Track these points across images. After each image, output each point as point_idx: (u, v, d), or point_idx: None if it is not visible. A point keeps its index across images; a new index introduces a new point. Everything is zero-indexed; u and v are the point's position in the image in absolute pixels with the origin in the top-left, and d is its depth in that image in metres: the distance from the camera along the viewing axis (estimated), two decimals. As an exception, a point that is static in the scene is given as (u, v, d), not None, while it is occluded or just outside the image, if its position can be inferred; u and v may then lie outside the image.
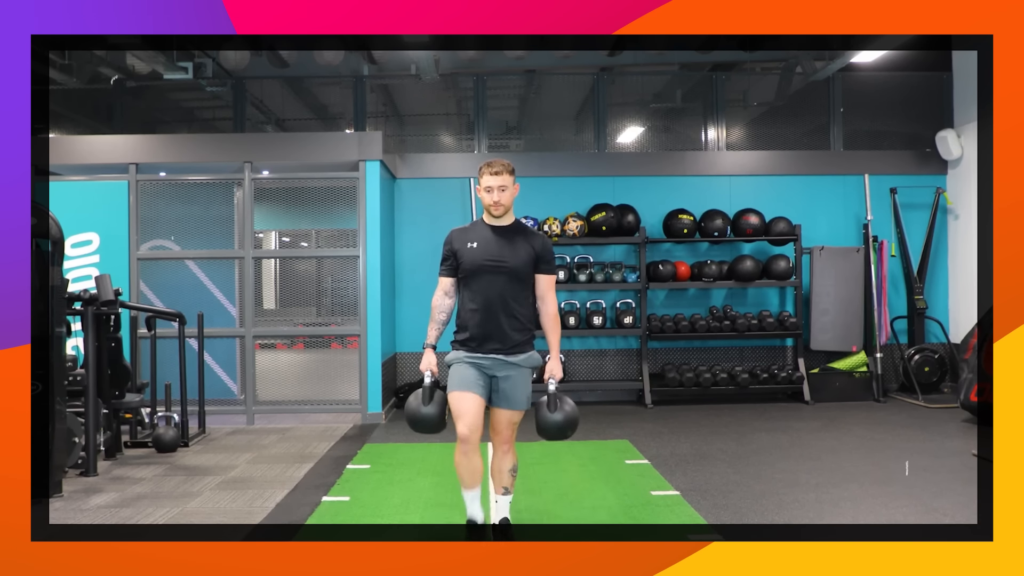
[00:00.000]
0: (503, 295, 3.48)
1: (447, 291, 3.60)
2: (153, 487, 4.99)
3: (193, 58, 7.69)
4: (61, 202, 6.57)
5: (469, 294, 3.52)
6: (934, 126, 8.62)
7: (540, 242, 3.56)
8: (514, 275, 3.49)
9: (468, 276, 3.51)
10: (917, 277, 8.40)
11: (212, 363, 7.55)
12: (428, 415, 3.46)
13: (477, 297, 3.49)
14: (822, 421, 6.99)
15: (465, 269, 3.52)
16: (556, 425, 3.45)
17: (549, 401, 3.48)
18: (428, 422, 3.46)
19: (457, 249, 3.55)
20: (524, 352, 3.53)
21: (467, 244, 3.52)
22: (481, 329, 3.48)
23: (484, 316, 3.47)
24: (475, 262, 3.49)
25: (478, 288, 3.49)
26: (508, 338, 3.49)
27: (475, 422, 3.42)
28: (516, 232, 3.57)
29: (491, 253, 3.49)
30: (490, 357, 3.48)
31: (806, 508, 4.34)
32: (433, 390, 3.48)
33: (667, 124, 9.26)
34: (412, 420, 3.49)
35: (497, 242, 3.50)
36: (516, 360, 3.50)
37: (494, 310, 3.47)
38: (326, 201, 7.57)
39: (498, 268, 3.48)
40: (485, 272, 3.48)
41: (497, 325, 3.47)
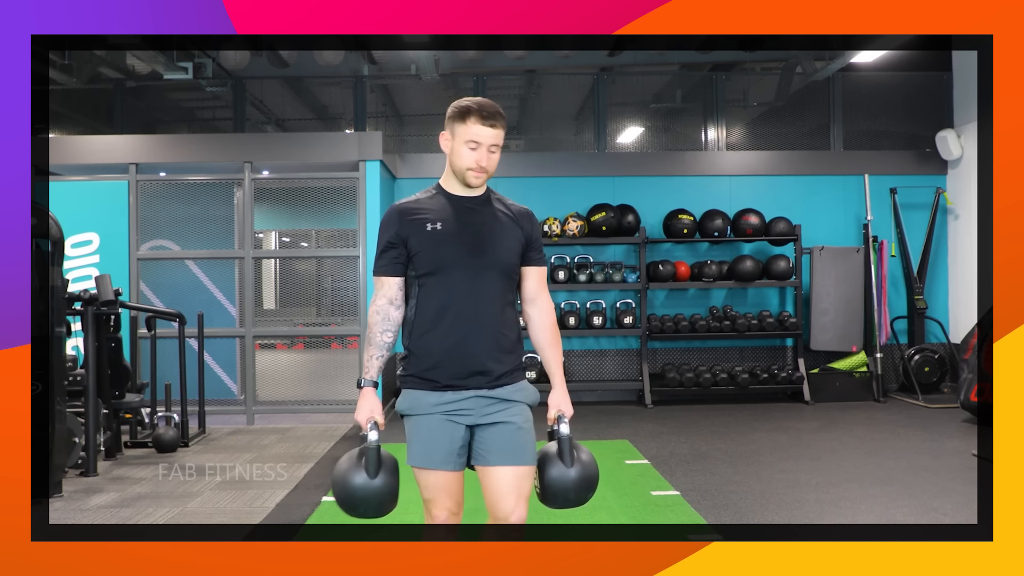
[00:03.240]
0: (485, 301, 2.37)
1: (393, 298, 2.38)
2: (153, 487, 4.99)
3: (193, 58, 7.69)
4: (61, 202, 6.56)
5: (431, 302, 2.36)
6: (934, 126, 8.62)
7: (528, 220, 2.48)
8: (501, 270, 2.39)
9: (430, 274, 2.36)
10: (917, 277, 8.40)
11: (212, 363, 7.55)
12: (375, 492, 2.31)
13: (448, 307, 2.35)
14: (822, 421, 6.99)
15: (426, 263, 2.35)
16: (573, 485, 2.35)
17: (560, 450, 2.37)
18: (374, 501, 2.33)
19: (408, 234, 2.35)
20: (516, 381, 2.41)
21: (425, 225, 2.35)
22: (454, 355, 2.34)
23: (458, 334, 2.34)
24: (443, 253, 2.34)
25: (447, 292, 2.35)
26: (495, 364, 2.37)
27: (460, 500, 2.44)
28: (494, 206, 2.44)
29: (466, 238, 2.36)
30: (469, 396, 2.35)
31: (806, 508, 4.34)
32: (379, 453, 2.33)
33: (667, 124, 9.27)
34: (349, 499, 2.32)
35: (472, 222, 2.38)
36: (508, 395, 2.38)
37: (473, 324, 2.35)
38: (326, 201, 7.57)
39: (478, 261, 2.36)
40: (458, 268, 2.34)
41: (478, 347, 2.35)
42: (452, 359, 2.34)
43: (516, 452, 2.33)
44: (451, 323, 2.34)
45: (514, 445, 2.33)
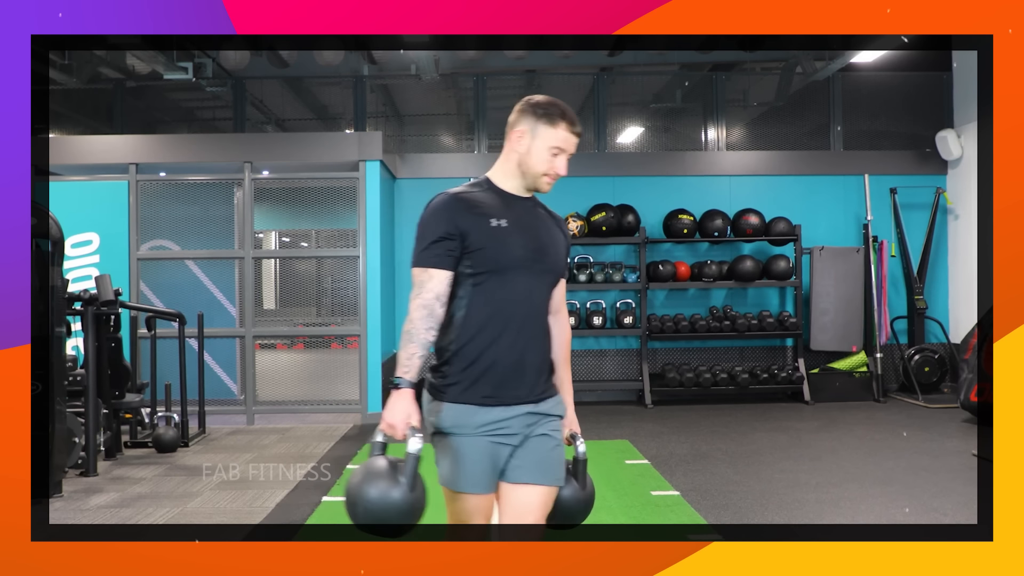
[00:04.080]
0: (540, 307, 2.25)
1: (440, 294, 2.14)
2: (153, 487, 4.99)
3: (193, 58, 7.69)
4: (61, 202, 6.56)
5: (487, 304, 2.16)
6: (934, 126, 8.62)
7: (565, 227, 2.42)
8: (555, 277, 2.31)
9: (491, 274, 2.17)
10: (917, 277, 8.40)
11: (212, 363, 7.55)
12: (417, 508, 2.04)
13: (504, 311, 2.17)
14: (822, 421, 6.99)
15: (487, 262, 2.16)
16: (584, 507, 2.31)
17: (576, 471, 2.30)
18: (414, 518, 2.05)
19: (468, 228, 2.15)
20: (554, 395, 2.29)
21: (489, 220, 2.17)
22: (508, 364, 2.16)
23: (514, 342, 2.17)
24: (508, 253, 2.17)
25: (506, 295, 2.17)
26: (542, 377, 2.25)
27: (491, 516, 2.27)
28: (541, 209, 2.36)
29: (529, 240, 2.21)
30: (517, 415, 2.17)
31: (806, 508, 4.34)
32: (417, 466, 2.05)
33: (667, 124, 9.27)
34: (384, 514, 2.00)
35: (532, 224, 2.25)
36: (549, 409, 2.25)
37: (530, 332, 2.21)
38: (326, 201, 7.57)
39: (538, 265, 2.23)
40: (521, 270, 2.19)
41: (532, 357, 2.21)
42: (506, 369, 2.16)
43: (550, 471, 2.20)
44: (507, 329, 2.15)
45: (549, 463, 2.20)
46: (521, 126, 2.24)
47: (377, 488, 1.99)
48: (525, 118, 2.23)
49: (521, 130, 2.23)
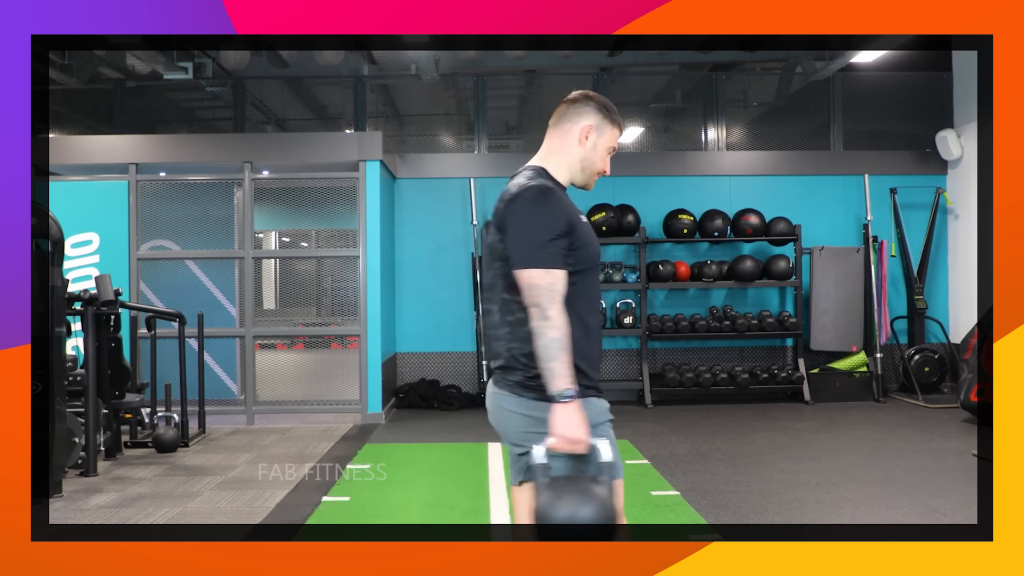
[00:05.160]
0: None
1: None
2: (153, 487, 4.99)
3: (193, 58, 7.69)
4: (61, 202, 6.57)
5: (580, 302, 2.14)
6: (934, 126, 8.62)
7: None
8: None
9: (586, 271, 2.16)
10: (917, 277, 8.40)
11: (212, 363, 7.55)
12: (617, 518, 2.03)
13: (590, 308, 2.19)
14: (822, 421, 6.99)
15: (586, 259, 2.16)
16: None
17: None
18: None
19: (573, 223, 2.13)
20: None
21: (580, 216, 2.18)
22: (597, 358, 2.24)
23: (598, 337, 2.24)
24: (596, 250, 2.22)
25: (590, 292, 2.20)
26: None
27: None
28: None
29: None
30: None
31: (806, 508, 4.34)
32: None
33: (667, 124, 9.27)
34: (609, 517, 1.98)
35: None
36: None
37: (600, 328, 2.30)
38: (326, 201, 7.57)
39: (599, 261, 2.32)
40: (597, 266, 2.26)
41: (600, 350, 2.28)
42: (597, 364, 2.22)
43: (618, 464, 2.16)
44: (593, 325, 2.19)
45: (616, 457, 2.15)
46: (589, 121, 2.23)
47: (602, 498, 1.98)
48: (593, 115, 2.24)
49: (589, 126, 2.23)
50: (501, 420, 2.21)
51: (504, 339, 2.17)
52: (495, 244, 2.17)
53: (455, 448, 6.12)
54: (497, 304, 2.19)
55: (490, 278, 2.22)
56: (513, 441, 2.18)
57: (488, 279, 2.24)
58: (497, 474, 5.17)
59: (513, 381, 2.14)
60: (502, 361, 2.18)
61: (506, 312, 2.16)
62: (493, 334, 2.22)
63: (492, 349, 2.23)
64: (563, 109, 2.28)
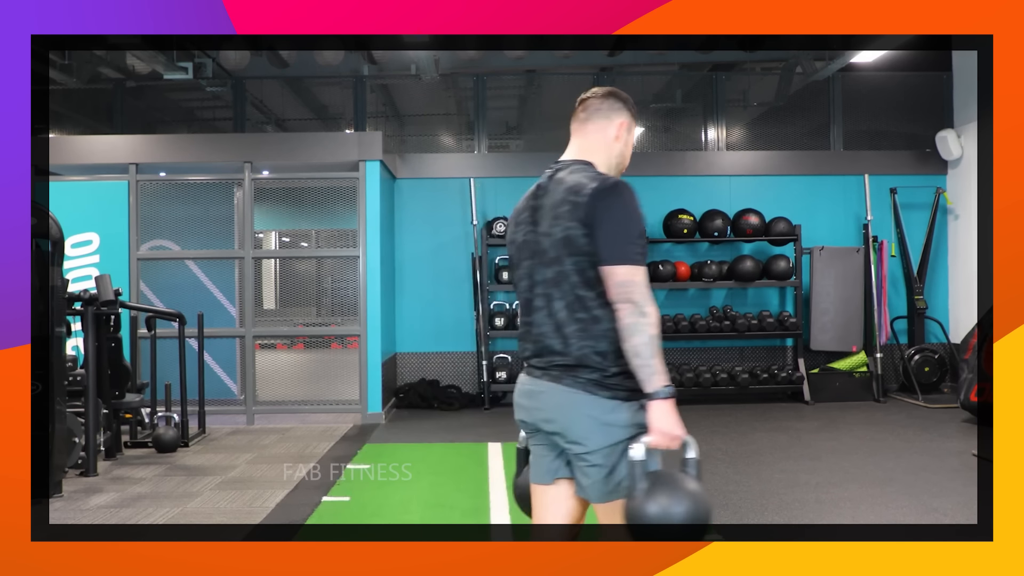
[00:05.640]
0: None
1: None
2: (153, 487, 4.99)
3: (193, 58, 7.69)
4: (61, 202, 6.57)
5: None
6: (934, 126, 8.62)
7: None
8: None
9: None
10: (917, 277, 8.40)
11: (212, 363, 7.55)
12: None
13: None
14: (822, 421, 6.99)
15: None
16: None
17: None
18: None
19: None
20: None
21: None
22: None
23: None
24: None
25: None
26: None
27: None
28: None
29: None
30: None
31: (806, 508, 4.34)
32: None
33: (667, 124, 9.27)
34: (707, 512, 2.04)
35: None
36: None
37: None
38: (326, 201, 7.57)
39: None
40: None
41: None
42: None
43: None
44: None
45: None
46: (624, 117, 2.28)
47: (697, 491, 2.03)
48: (625, 112, 2.29)
49: (623, 123, 2.28)
50: (563, 416, 2.15)
51: (574, 336, 2.12)
52: (574, 238, 2.10)
53: (455, 448, 6.12)
54: (563, 300, 2.13)
55: (553, 274, 2.15)
56: (574, 438, 2.13)
57: (549, 274, 2.16)
58: (497, 474, 5.17)
59: (586, 379, 2.12)
60: (568, 359, 2.13)
61: (577, 308, 2.12)
62: (547, 331, 2.16)
63: (547, 345, 2.17)
64: (595, 104, 2.28)
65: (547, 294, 2.17)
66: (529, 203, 2.27)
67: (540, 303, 2.19)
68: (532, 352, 2.22)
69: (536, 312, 2.20)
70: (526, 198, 2.31)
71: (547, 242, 2.17)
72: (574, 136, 2.32)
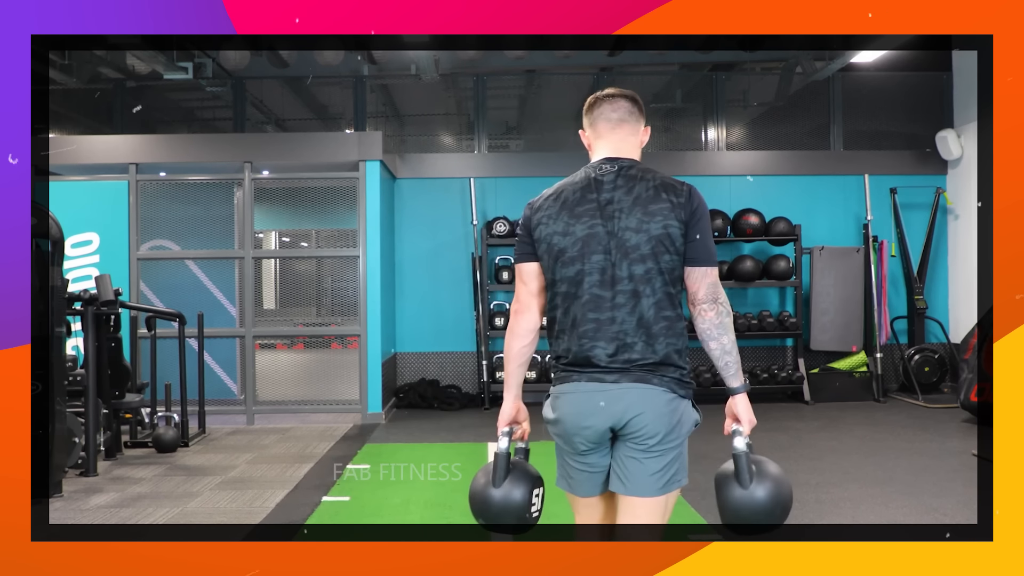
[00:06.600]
0: None
1: None
2: (153, 487, 4.98)
3: (193, 58, 7.69)
4: (61, 202, 6.56)
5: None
6: (934, 126, 8.62)
7: None
8: None
9: None
10: (917, 277, 8.40)
11: (212, 363, 7.55)
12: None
13: None
14: (822, 421, 6.99)
15: None
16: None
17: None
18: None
19: None
20: None
21: None
22: None
23: None
24: None
25: None
26: None
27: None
28: None
29: None
30: None
31: (806, 508, 4.34)
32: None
33: (667, 124, 9.26)
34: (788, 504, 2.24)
35: None
36: None
37: None
38: (326, 201, 7.57)
39: None
40: None
41: None
42: None
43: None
44: None
45: None
46: (646, 124, 2.39)
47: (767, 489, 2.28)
48: (644, 117, 2.38)
49: (648, 128, 2.41)
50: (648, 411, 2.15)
51: (661, 334, 2.14)
52: (675, 236, 2.14)
53: (455, 448, 6.12)
54: (652, 297, 2.13)
55: (643, 270, 2.12)
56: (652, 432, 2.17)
57: (638, 271, 2.12)
58: (497, 474, 5.16)
59: (671, 378, 2.19)
60: (655, 358, 2.15)
61: (665, 307, 2.15)
62: (629, 329, 2.13)
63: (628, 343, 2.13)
64: (627, 106, 2.31)
65: (634, 291, 2.12)
66: (589, 196, 2.21)
67: (623, 300, 2.13)
68: (608, 352, 2.14)
69: (618, 309, 2.13)
70: (580, 190, 2.22)
71: (637, 238, 2.13)
72: (607, 134, 2.31)
